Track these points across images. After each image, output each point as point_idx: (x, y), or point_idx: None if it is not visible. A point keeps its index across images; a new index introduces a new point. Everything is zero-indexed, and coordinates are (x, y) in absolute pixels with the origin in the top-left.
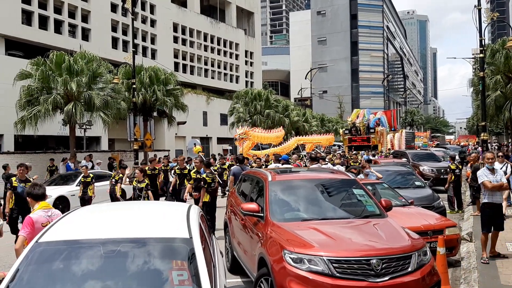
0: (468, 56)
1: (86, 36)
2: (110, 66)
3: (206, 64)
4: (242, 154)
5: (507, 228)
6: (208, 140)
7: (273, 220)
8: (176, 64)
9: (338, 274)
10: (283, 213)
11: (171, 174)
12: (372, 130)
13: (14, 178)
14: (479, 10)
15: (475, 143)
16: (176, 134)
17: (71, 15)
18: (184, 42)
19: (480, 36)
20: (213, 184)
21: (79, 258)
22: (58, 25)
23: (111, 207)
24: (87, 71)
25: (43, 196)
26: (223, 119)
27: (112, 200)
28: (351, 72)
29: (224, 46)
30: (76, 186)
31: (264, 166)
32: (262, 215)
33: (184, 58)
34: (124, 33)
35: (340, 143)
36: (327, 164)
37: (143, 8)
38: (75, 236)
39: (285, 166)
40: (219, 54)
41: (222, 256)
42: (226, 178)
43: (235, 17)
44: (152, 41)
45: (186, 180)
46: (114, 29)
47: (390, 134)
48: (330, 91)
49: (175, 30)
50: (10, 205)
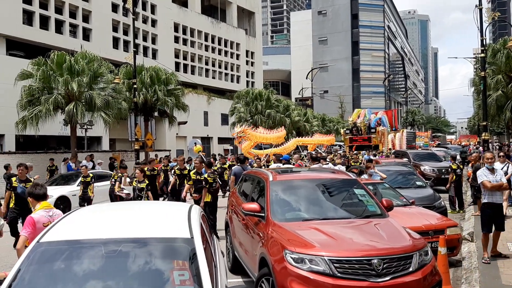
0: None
1: (87, 36)
2: (111, 66)
3: (207, 64)
4: (243, 154)
5: (508, 228)
6: (209, 140)
7: (274, 220)
8: (177, 64)
9: (339, 274)
10: (284, 213)
11: (171, 174)
12: (373, 130)
13: (14, 179)
14: (480, 10)
15: (476, 143)
16: (177, 134)
17: (72, 15)
18: (185, 42)
19: (481, 35)
20: (214, 184)
21: (80, 258)
22: (59, 25)
23: (112, 207)
24: (88, 71)
25: (44, 196)
26: (224, 119)
27: (112, 200)
28: (352, 72)
29: (225, 46)
30: (77, 186)
31: (265, 167)
32: (263, 215)
33: (185, 58)
34: (125, 33)
35: (341, 143)
36: (328, 164)
37: (144, 8)
38: (77, 236)
39: (286, 166)
40: (220, 54)
41: (223, 256)
42: (227, 178)
43: (236, 17)
44: (153, 41)
45: (185, 181)
46: (115, 29)
47: (391, 134)
48: (331, 91)
49: (176, 30)
50: (10, 205)
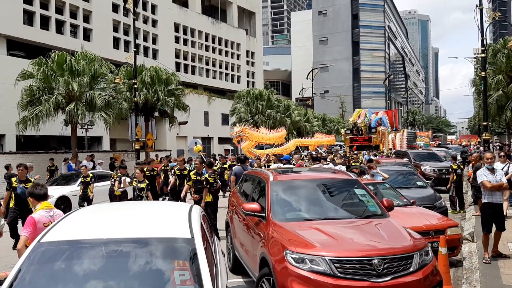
0: (470, 56)
1: (87, 36)
2: (111, 66)
3: (207, 64)
4: (243, 154)
5: (509, 227)
6: (209, 140)
7: (274, 220)
8: (177, 64)
9: (340, 274)
10: (285, 213)
11: (171, 174)
12: (373, 130)
13: (14, 179)
14: (481, 10)
15: (477, 143)
16: (177, 134)
17: (73, 15)
18: (185, 42)
19: (482, 35)
20: (215, 184)
21: (81, 258)
22: (60, 25)
23: (113, 207)
24: (88, 71)
25: (45, 196)
26: (225, 119)
27: (111, 200)
28: (353, 72)
29: (226, 46)
30: (78, 186)
31: (266, 167)
32: (264, 215)
33: (185, 58)
34: (126, 33)
35: (342, 143)
36: (328, 164)
37: (144, 8)
38: (77, 236)
39: (287, 166)
40: (220, 54)
41: (224, 256)
42: (227, 178)
43: (237, 17)
44: (154, 41)
45: (185, 181)
46: (116, 29)
47: (391, 134)
48: (332, 91)
49: (177, 30)
50: (10, 205)
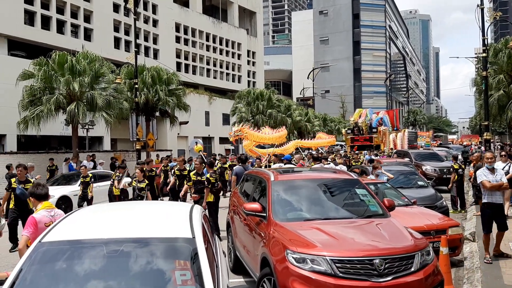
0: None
1: (88, 36)
2: (112, 66)
3: (208, 64)
4: (244, 154)
5: (510, 227)
6: (210, 140)
7: (275, 220)
8: (178, 64)
9: (341, 274)
10: (286, 213)
11: (171, 174)
12: (374, 130)
13: (13, 179)
14: (482, 10)
15: (478, 143)
16: (178, 134)
17: (74, 15)
18: (186, 42)
19: (483, 35)
20: (216, 184)
21: (82, 258)
22: (61, 25)
23: (114, 207)
24: (89, 71)
25: (46, 196)
26: (225, 119)
27: (110, 200)
28: (354, 72)
29: (226, 46)
30: (79, 186)
31: (267, 167)
32: (265, 215)
33: (186, 58)
34: (126, 33)
35: (343, 143)
36: (329, 164)
37: (145, 8)
38: (78, 236)
39: (288, 166)
40: (221, 54)
41: (225, 256)
42: (228, 178)
43: (237, 17)
44: (154, 41)
45: (185, 181)
46: (117, 29)
47: (392, 134)
48: (333, 90)
49: (177, 30)
50: (10, 205)
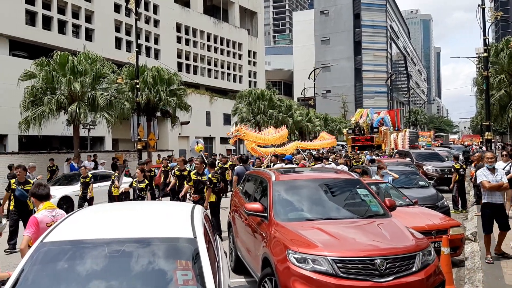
0: (472, 56)
1: (89, 36)
2: (113, 66)
3: (209, 64)
4: (245, 154)
5: None
6: (211, 140)
7: (277, 220)
8: (179, 64)
9: (342, 274)
10: (287, 213)
11: (171, 174)
12: (375, 130)
13: (13, 180)
14: (483, 9)
15: (479, 143)
16: (179, 134)
17: (75, 15)
18: (187, 42)
19: (484, 35)
20: (218, 184)
21: (83, 258)
22: (62, 25)
23: (115, 207)
24: (90, 72)
25: (47, 196)
26: (227, 119)
27: (110, 200)
28: (355, 72)
29: (227, 46)
30: (79, 186)
31: (268, 167)
32: (266, 215)
33: (187, 58)
34: (128, 33)
35: (344, 143)
36: (330, 164)
37: (146, 9)
38: (80, 236)
39: (289, 166)
40: (222, 54)
41: (226, 256)
42: (228, 178)
43: (238, 17)
44: (156, 41)
45: (185, 181)
46: (118, 29)
47: (393, 134)
48: (334, 90)
49: (178, 30)
50: (10, 207)
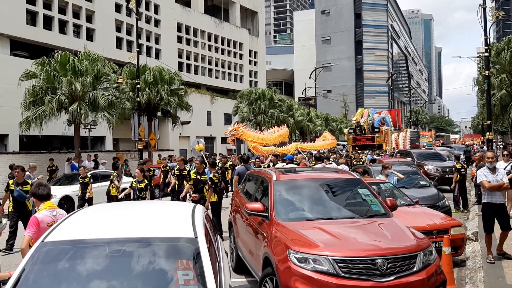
0: (473, 55)
1: (90, 36)
2: (114, 66)
3: (210, 63)
4: (246, 154)
5: None
6: (212, 140)
7: (277, 220)
8: (180, 64)
9: (343, 274)
10: (288, 212)
11: (171, 174)
12: (376, 130)
13: (11, 181)
14: (484, 9)
15: (480, 142)
16: (180, 134)
17: (76, 15)
18: (188, 42)
19: (485, 34)
20: (220, 184)
21: (84, 258)
22: (63, 25)
23: (116, 207)
24: (91, 71)
25: (48, 196)
26: (227, 119)
27: (109, 200)
28: (356, 71)
29: (228, 46)
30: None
31: (269, 166)
32: (267, 214)
33: (188, 58)
34: (128, 33)
35: (345, 143)
36: (331, 163)
37: (147, 8)
38: (81, 235)
39: (290, 166)
40: (223, 53)
41: (227, 256)
42: (228, 178)
43: (239, 16)
44: (156, 41)
45: (185, 181)
46: (119, 29)
47: (394, 134)
48: (334, 90)
49: (179, 30)
50: (9, 208)
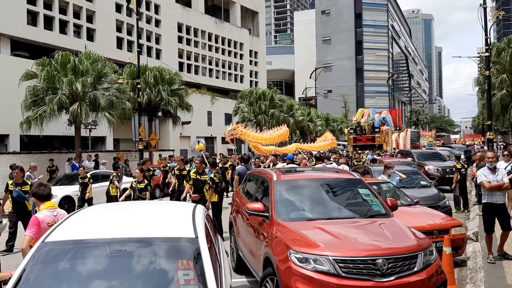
0: (474, 55)
1: (91, 36)
2: (115, 66)
3: (210, 64)
4: (247, 154)
5: None
6: (212, 140)
7: (278, 220)
8: (180, 64)
9: (343, 274)
10: (288, 212)
11: (172, 174)
12: (377, 130)
13: (10, 182)
14: (485, 9)
15: (481, 142)
16: (181, 134)
17: (76, 15)
18: (188, 42)
19: (486, 34)
20: (220, 184)
21: (85, 258)
22: (63, 25)
23: (117, 207)
24: (92, 71)
25: (48, 197)
26: (228, 119)
27: (108, 200)
28: (356, 71)
29: (229, 46)
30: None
31: (269, 166)
32: (267, 214)
33: (188, 58)
34: (129, 33)
35: (345, 143)
36: (332, 163)
37: (147, 8)
38: (81, 236)
39: (291, 165)
40: (223, 53)
41: (228, 256)
42: (229, 178)
43: (240, 16)
44: (157, 41)
45: (185, 181)
46: (119, 29)
47: (395, 134)
48: (335, 90)
49: (180, 30)
50: (9, 208)
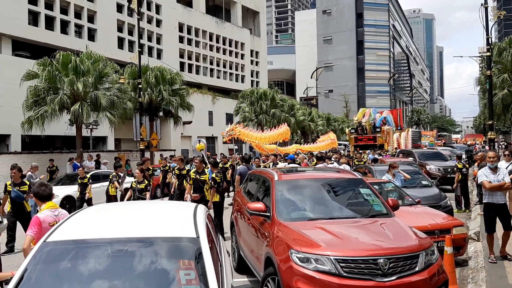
0: (475, 55)
1: (92, 36)
2: (116, 66)
3: (211, 63)
4: (247, 154)
5: None
6: (214, 140)
7: (279, 220)
8: (181, 64)
9: (345, 274)
10: (290, 212)
11: (172, 174)
12: (378, 129)
13: (9, 182)
14: (486, 9)
15: (482, 142)
16: (182, 133)
17: (77, 15)
18: (189, 42)
19: (487, 34)
20: (222, 183)
21: (86, 258)
22: (65, 25)
23: (118, 207)
24: (93, 71)
25: (49, 197)
26: (229, 119)
27: (108, 200)
28: (357, 71)
29: (230, 46)
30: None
31: (270, 166)
32: (269, 214)
33: (189, 58)
34: (130, 33)
35: (346, 142)
36: (333, 163)
37: (148, 8)
38: (83, 235)
39: (291, 165)
40: (224, 53)
41: (229, 256)
42: (229, 178)
43: (241, 16)
44: (158, 41)
45: (185, 181)
46: (120, 29)
47: (396, 133)
48: (336, 90)
49: (181, 30)
50: (8, 209)
